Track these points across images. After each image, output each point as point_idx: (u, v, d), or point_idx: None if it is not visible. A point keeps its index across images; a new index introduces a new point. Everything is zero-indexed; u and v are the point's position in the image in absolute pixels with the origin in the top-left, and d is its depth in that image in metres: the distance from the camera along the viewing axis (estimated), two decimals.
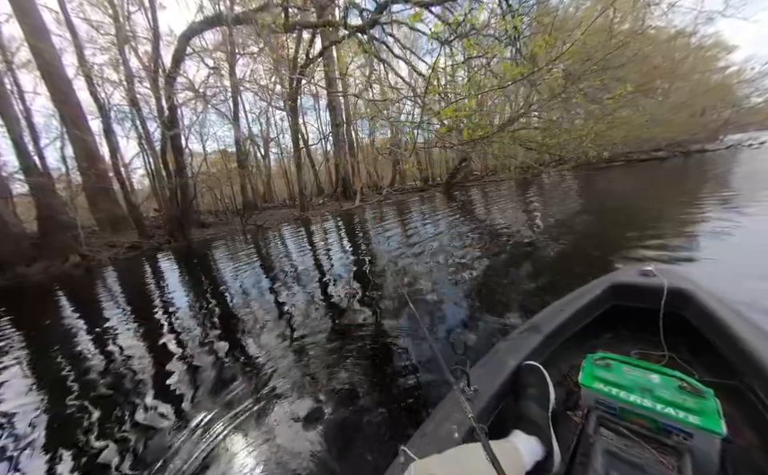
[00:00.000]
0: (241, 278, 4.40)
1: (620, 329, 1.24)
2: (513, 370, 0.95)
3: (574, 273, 2.77)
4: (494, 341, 1.78)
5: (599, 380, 0.84)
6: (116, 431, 1.66)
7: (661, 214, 4.36)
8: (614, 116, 6.17)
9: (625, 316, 1.24)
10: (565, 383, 1.03)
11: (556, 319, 1.15)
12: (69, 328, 3.51)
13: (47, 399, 2.11)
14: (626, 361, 0.88)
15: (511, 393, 0.94)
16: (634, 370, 0.84)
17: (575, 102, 6.38)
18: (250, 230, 9.81)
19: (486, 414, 0.85)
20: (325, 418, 1.47)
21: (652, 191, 6.75)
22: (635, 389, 0.78)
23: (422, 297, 2.71)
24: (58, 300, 4.97)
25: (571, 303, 1.23)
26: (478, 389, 0.87)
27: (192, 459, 1.36)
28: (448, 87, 3.41)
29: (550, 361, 1.04)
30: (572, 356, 1.10)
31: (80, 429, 1.71)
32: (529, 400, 0.87)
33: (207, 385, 1.92)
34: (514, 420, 0.85)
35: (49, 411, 1.96)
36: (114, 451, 1.51)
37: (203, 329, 2.85)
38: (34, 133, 11.70)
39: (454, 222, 6.12)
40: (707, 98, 16.82)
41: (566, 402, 0.96)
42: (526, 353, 1.00)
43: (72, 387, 2.18)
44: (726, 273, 2.30)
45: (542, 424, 0.81)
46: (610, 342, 1.20)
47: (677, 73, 14.48)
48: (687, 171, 9.58)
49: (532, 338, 1.07)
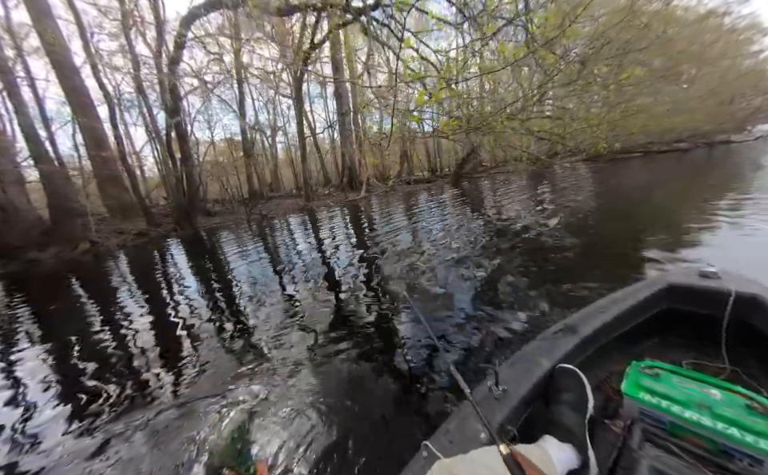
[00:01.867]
0: (240, 267, 4.47)
1: (668, 336, 1.13)
2: (546, 373, 0.89)
3: (587, 273, 2.59)
4: (505, 341, 1.78)
5: (645, 390, 0.78)
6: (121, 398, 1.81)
7: (685, 210, 4.08)
8: (631, 104, 5.79)
9: (677, 321, 1.13)
10: (602, 389, 0.96)
11: (595, 320, 1.06)
12: (82, 310, 3.68)
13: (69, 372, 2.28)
14: (678, 371, 0.81)
15: (543, 397, 0.88)
16: (686, 382, 0.76)
17: (593, 90, 6.02)
18: (254, 220, 9.84)
19: (515, 416, 0.80)
20: (339, 406, 1.48)
21: (675, 185, 6.38)
22: (691, 405, 0.70)
23: (425, 291, 2.66)
24: (70, 284, 5.15)
25: (615, 304, 1.12)
26: (507, 390, 0.82)
27: (207, 443, 1.38)
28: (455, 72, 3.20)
29: (586, 365, 0.95)
30: (611, 361, 1.03)
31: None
32: (563, 405, 0.81)
33: (221, 374, 1.95)
34: (545, 425, 0.80)
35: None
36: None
37: (203, 313, 2.95)
38: (45, 120, 11.93)
39: (460, 215, 5.97)
40: (738, 85, 15.74)
41: (603, 411, 0.89)
42: (561, 356, 0.94)
43: (86, 366, 2.30)
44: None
45: (577, 431, 0.76)
46: (656, 349, 1.10)
47: (705, 58, 13.58)
48: (713, 163, 9.05)
49: (567, 340, 0.99)
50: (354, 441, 1.27)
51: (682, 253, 2.63)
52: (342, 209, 9.44)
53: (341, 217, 8.09)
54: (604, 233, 3.74)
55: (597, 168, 11.36)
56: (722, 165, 8.57)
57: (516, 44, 4.91)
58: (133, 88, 9.11)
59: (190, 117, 12.70)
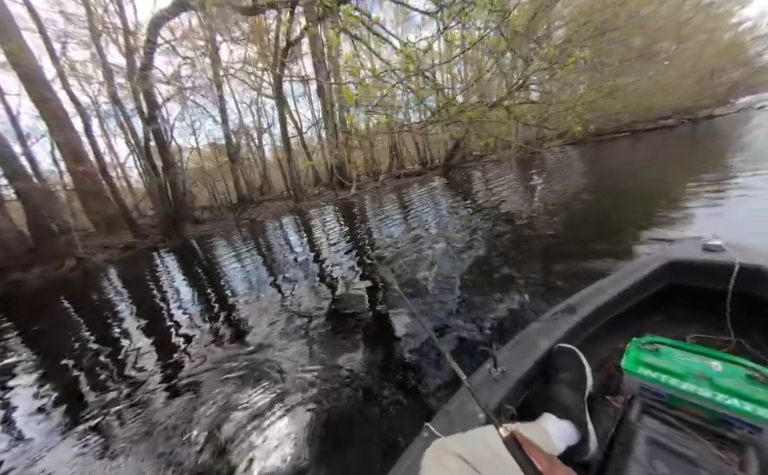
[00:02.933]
0: (229, 274, 4.47)
1: (673, 311, 1.13)
2: (545, 353, 0.91)
3: (582, 254, 2.58)
4: (501, 324, 1.81)
5: (645, 365, 0.79)
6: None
7: (679, 184, 4.03)
8: (611, 84, 5.81)
9: (680, 296, 1.13)
10: (605, 367, 0.98)
11: (596, 300, 1.07)
12: (68, 330, 3.59)
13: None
14: (679, 346, 0.81)
15: (542, 377, 0.90)
16: (688, 356, 0.77)
17: (572, 72, 6.01)
18: (243, 225, 9.71)
19: (514, 396, 0.82)
20: (341, 396, 1.54)
21: (664, 161, 6.43)
22: (688, 377, 0.72)
23: (416, 280, 2.68)
24: (56, 304, 5.02)
25: (616, 283, 1.12)
26: (506, 371, 0.84)
27: (213, 439, 1.44)
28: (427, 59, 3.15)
29: (588, 345, 0.97)
30: (614, 339, 1.03)
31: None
32: (562, 384, 0.83)
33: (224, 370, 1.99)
34: (544, 404, 0.81)
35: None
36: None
37: (191, 322, 2.96)
38: (21, 136, 11.55)
39: (449, 205, 5.96)
40: (718, 60, 15.90)
41: (605, 388, 0.91)
42: (560, 336, 0.95)
43: (81, 387, 2.26)
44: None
45: (576, 408, 0.77)
46: (660, 325, 1.09)
47: (683, 34, 13.66)
48: (698, 139, 9.14)
49: (567, 320, 1.01)
50: (356, 428, 1.33)
51: (681, 228, 2.63)
52: (332, 209, 9.36)
53: (330, 216, 8.02)
54: (597, 214, 3.74)
55: (585, 150, 11.43)
56: (705, 139, 8.66)
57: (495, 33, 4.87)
58: (107, 97, 8.82)
59: (169, 124, 12.42)
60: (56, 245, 7.66)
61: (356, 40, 3.47)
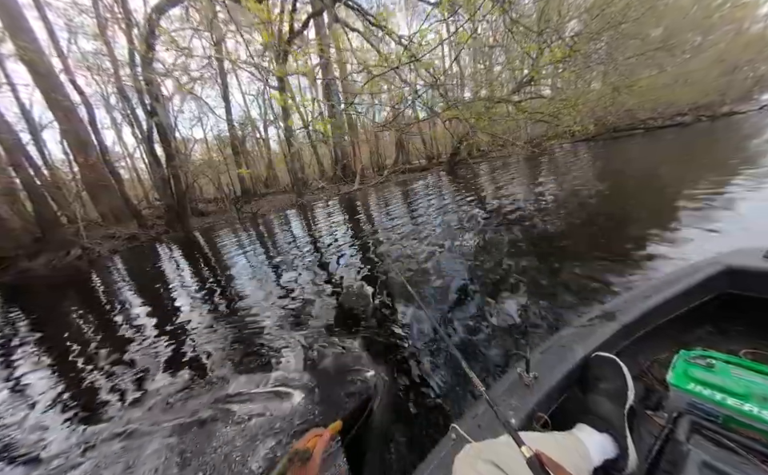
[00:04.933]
0: (230, 267, 4.52)
1: (722, 323, 1.06)
2: (580, 360, 0.86)
3: (605, 258, 2.45)
4: (520, 331, 1.73)
5: (696, 381, 0.73)
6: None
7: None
8: (625, 79, 5.52)
9: (734, 307, 1.05)
10: (644, 379, 0.93)
11: (638, 307, 1.00)
12: (76, 318, 3.69)
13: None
14: (734, 361, 0.75)
15: (577, 384, 0.86)
16: (747, 374, 0.71)
17: (578, 69, 5.72)
18: (246, 218, 9.73)
19: (547, 403, 0.79)
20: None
21: (687, 161, 6.12)
22: (751, 397, 0.66)
23: (426, 282, 2.62)
24: (64, 292, 5.14)
25: (661, 289, 1.05)
26: (538, 377, 0.80)
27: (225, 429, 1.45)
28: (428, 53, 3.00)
29: (627, 354, 0.92)
30: (655, 350, 0.99)
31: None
32: (599, 394, 0.79)
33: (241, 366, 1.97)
34: (579, 413, 0.78)
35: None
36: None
37: (191, 313, 3.01)
38: (32, 126, 11.73)
39: (452, 202, 5.81)
40: (743, 52, 15.07)
41: (644, 401, 0.86)
42: (598, 343, 0.90)
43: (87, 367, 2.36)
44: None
45: (615, 421, 0.74)
46: (707, 338, 1.03)
47: (708, 25, 12.95)
48: (720, 137, 8.70)
49: (605, 327, 0.95)
50: (375, 429, 1.30)
51: (725, 234, 2.41)
52: (334, 204, 9.28)
53: (331, 211, 7.96)
54: (622, 215, 3.49)
55: (597, 148, 11.03)
56: (728, 137, 8.23)
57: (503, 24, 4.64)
58: (114, 89, 8.85)
59: (173, 116, 12.44)
60: (62, 235, 7.79)
61: (352, 31, 3.33)
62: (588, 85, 8.57)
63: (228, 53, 12.32)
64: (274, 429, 1.40)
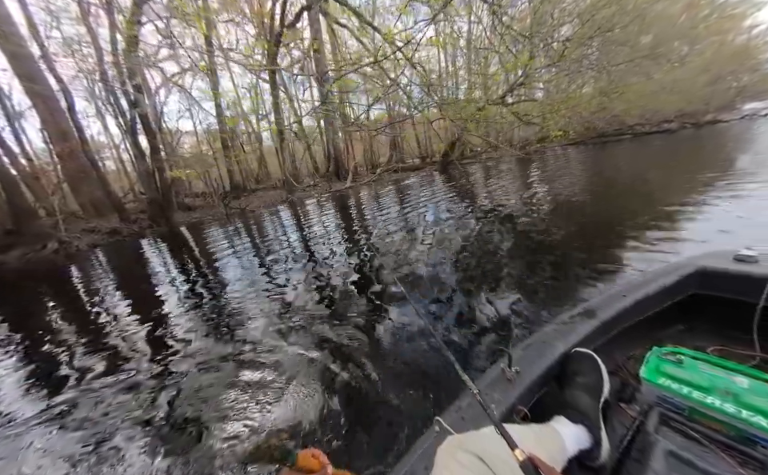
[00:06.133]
0: (214, 264, 4.40)
1: (694, 322, 1.11)
2: (560, 356, 0.90)
3: (592, 258, 2.49)
4: (509, 327, 1.73)
5: (666, 376, 0.78)
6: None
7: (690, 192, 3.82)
8: (613, 86, 5.59)
9: (704, 306, 1.10)
10: (620, 374, 0.97)
11: (616, 305, 1.05)
12: (47, 313, 3.53)
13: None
14: (702, 358, 0.80)
15: (556, 379, 0.89)
16: (712, 369, 0.76)
17: (575, 70, 5.77)
18: (233, 214, 9.53)
19: (528, 397, 0.82)
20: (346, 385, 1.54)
21: (672, 166, 6.24)
22: (713, 391, 0.71)
23: (416, 280, 2.60)
24: (36, 286, 4.90)
25: (637, 288, 1.10)
26: (520, 371, 0.83)
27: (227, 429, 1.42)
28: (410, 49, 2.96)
29: (604, 350, 0.95)
30: (631, 346, 1.04)
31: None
32: (577, 388, 0.82)
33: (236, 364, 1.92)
34: (557, 406, 0.81)
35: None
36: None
37: (172, 311, 2.88)
38: (9, 112, 11.22)
39: (442, 201, 5.82)
40: (728, 63, 15.54)
41: (619, 394, 0.90)
42: (577, 340, 0.94)
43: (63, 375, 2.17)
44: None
45: (590, 413, 0.77)
46: (679, 335, 1.09)
47: (695, 35, 13.29)
48: (703, 144, 8.92)
49: (585, 324, 0.99)
50: (362, 420, 1.33)
51: (702, 237, 2.48)
52: (325, 201, 9.17)
53: (321, 208, 7.86)
54: (606, 216, 3.58)
55: (586, 151, 11.20)
56: (711, 144, 8.45)
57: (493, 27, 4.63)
58: (98, 77, 8.51)
59: (158, 107, 12.08)
60: (38, 228, 7.47)
61: (341, 27, 3.25)
62: (580, 89, 8.67)
63: (220, 44, 12.03)
64: (254, 432, 1.38)
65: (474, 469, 0.53)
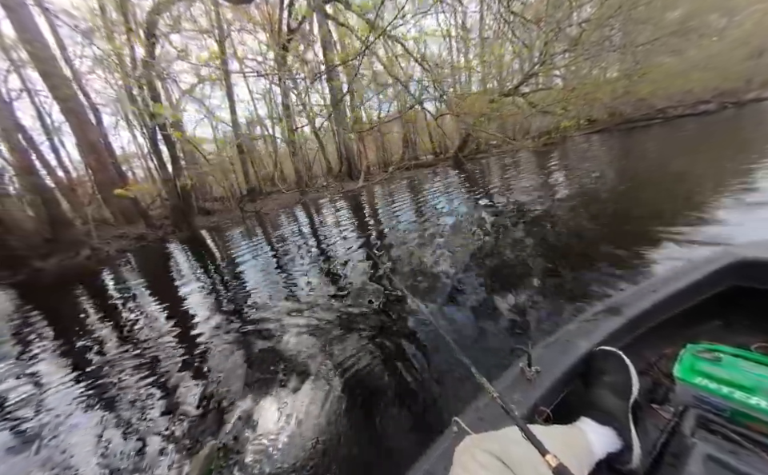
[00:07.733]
0: (233, 266, 4.57)
1: (733, 317, 1.02)
2: (584, 354, 0.86)
3: (618, 255, 2.32)
4: (525, 327, 1.72)
5: (703, 375, 0.73)
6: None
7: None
8: (639, 67, 5.18)
9: (744, 300, 1.01)
10: (650, 373, 0.92)
11: (644, 301, 0.98)
12: (88, 316, 3.78)
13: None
14: (743, 355, 0.74)
15: (580, 379, 0.86)
16: (756, 368, 0.70)
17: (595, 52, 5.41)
18: (248, 217, 9.80)
19: (550, 397, 0.79)
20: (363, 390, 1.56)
21: (710, 153, 5.75)
22: (758, 391, 0.65)
23: (429, 281, 2.55)
24: (77, 291, 5.26)
25: (668, 282, 1.03)
26: (540, 371, 0.80)
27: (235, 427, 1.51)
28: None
29: (632, 348, 0.89)
30: (662, 344, 0.97)
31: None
32: (603, 388, 0.78)
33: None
34: (582, 407, 0.77)
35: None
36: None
37: (192, 312, 3.05)
38: (46, 130, 12.13)
39: (457, 198, 5.68)
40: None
41: (650, 395, 0.85)
42: (602, 338, 0.89)
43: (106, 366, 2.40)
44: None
45: (619, 415, 0.73)
46: (716, 331, 1.00)
47: (732, 6, 12.12)
48: (744, 125, 8.14)
49: (610, 321, 0.94)
50: (377, 423, 1.34)
51: (742, 227, 2.26)
52: (338, 201, 9.22)
53: (335, 208, 7.92)
54: (631, 208, 3.33)
55: (610, 139, 10.53)
56: (757, 126, 7.68)
57: None
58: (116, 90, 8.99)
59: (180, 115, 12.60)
60: (72, 236, 8.02)
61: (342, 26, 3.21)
62: (604, 73, 8.13)
63: (234, 51, 12.36)
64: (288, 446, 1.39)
65: (494, 469, 0.52)
